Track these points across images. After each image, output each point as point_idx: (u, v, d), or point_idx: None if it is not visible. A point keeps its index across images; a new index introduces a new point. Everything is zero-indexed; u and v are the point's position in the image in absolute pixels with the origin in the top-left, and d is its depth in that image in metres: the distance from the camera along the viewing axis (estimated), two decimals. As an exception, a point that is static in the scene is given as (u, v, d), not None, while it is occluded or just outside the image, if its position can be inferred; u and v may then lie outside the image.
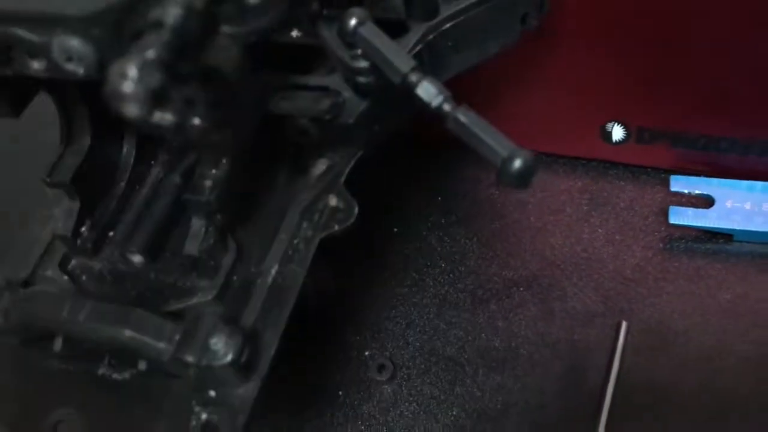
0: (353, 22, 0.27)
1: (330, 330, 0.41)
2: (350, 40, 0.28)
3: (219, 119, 0.24)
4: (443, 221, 0.45)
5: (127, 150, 0.31)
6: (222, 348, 0.25)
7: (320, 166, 0.31)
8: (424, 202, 0.46)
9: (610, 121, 0.43)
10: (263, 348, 0.26)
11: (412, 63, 0.27)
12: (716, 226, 0.41)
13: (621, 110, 0.43)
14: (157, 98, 0.17)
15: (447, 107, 0.26)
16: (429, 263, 0.43)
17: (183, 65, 0.20)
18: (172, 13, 0.18)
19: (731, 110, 0.40)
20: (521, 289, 0.41)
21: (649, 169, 0.45)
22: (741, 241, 0.41)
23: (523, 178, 0.26)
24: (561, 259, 0.42)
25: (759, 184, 0.41)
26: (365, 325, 0.41)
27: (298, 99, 0.30)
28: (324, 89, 0.31)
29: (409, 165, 0.47)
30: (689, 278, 0.40)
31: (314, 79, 0.31)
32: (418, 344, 0.40)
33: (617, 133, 0.44)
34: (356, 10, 0.28)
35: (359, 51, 0.28)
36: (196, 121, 0.24)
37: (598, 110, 0.43)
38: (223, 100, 0.23)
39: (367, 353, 0.40)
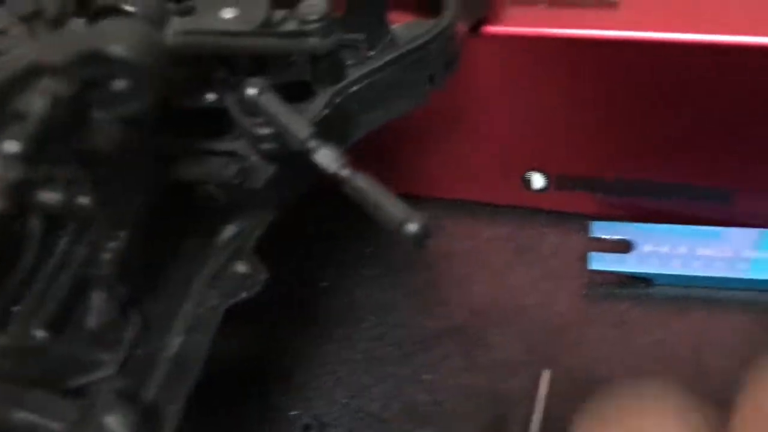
0: (252, 91, 0.28)
1: (256, 390, 0.41)
2: (250, 109, 0.28)
3: (107, 196, 0.24)
4: (372, 273, 0.45)
5: (35, 221, 0.31)
6: (117, 426, 0.24)
7: (229, 231, 0.31)
8: (353, 254, 0.46)
9: (530, 170, 0.44)
10: (164, 423, 0.26)
11: (311, 130, 0.27)
12: (635, 270, 0.41)
13: (540, 159, 0.44)
14: (22, 191, 0.17)
15: (344, 173, 0.27)
16: (358, 317, 0.43)
17: (55, 150, 0.19)
18: (36, 104, 0.18)
19: (644, 155, 0.41)
20: (447, 340, 0.41)
21: (571, 215, 0.45)
22: (660, 285, 0.42)
23: (420, 242, 0.26)
24: (486, 308, 0.42)
25: (677, 227, 0.42)
26: (292, 384, 0.41)
27: (205, 164, 0.30)
28: (232, 154, 0.31)
29: (336, 215, 0.47)
30: (611, 324, 0.41)
31: (222, 144, 0.31)
32: (345, 401, 0.40)
33: (537, 181, 0.44)
34: (255, 79, 0.28)
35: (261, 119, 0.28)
36: (84, 199, 0.24)
37: (517, 159, 0.44)
38: (108, 178, 0.23)
39: (293, 413, 0.40)
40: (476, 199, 0.47)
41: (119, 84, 0.19)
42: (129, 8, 0.30)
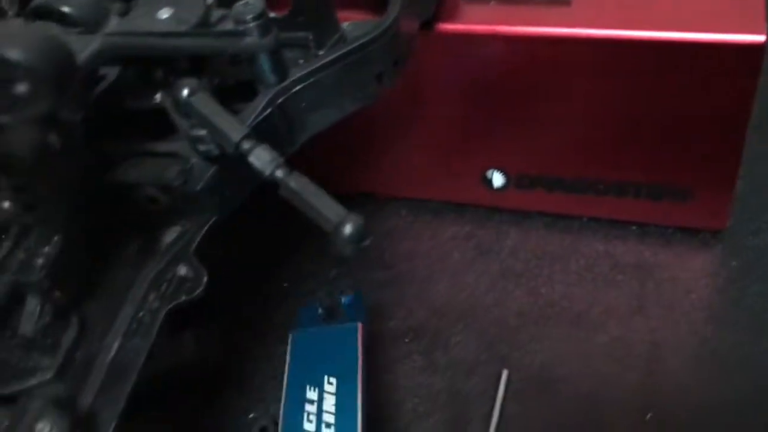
0: (185, 92, 0.27)
1: (213, 392, 0.40)
2: (184, 110, 0.28)
3: (32, 202, 0.24)
4: (333, 274, 0.45)
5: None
6: (48, 434, 0.24)
7: (171, 234, 0.31)
8: (315, 254, 0.46)
9: (490, 169, 0.44)
10: (99, 429, 0.26)
11: (244, 131, 0.27)
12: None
13: (499, 158, 0.43)
14: None
15: (280, 174, 0.26)
16: (317, 318, 0.43)
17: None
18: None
19: (602, 154, 0.41)
20: (406, 340, 0.41)
21: (531, 214, 0.45)
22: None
23: (355, 244, 0.26)
24: (446, 307, 0.42)
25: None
26: (250, 387, 0.41)
27: (145, 166, 0.30)
28: (173, 155, 0.30)
29: (297, 215, 0.47)
30: (570, 322, 0.40)
31: (163, 146, 0.31)
32: (302, 403, 0.40)
33: (497, 179, 0.44)
34: (188, 80, 0.28)
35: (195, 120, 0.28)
36: (5, 204, 0.24)
37: (477, 158, 0.44)
38: (30, 183, 0.23)
39: (251, 415, 0.39)
40: (439, 198, 0.47)
41: (19, 88, 0.19)
42: (65, 9, 0.30)
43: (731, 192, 0.40)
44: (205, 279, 0.30)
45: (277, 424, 0.39)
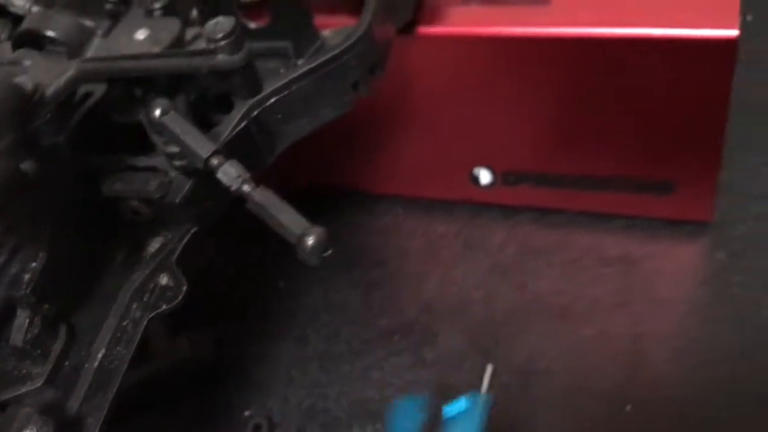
0: (156, 112, 0.29)
1: (213, 391, 0.42)
2: (156, 129, 0.29)
3: (10, 224, 0.26)
4: (328, 273, 0.46)
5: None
6: (32, 441, 0.26)
7: (155, 244, 0.32)
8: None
9: (477, 166, 0.45)
10: (84, 435, 0.27)
11: (212, 149, 0.28)
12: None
13: (486, 156, 0.44)
14: None
15: (246, 188, 0.28)
16: (312, 317, 0.44)
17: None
18: None
19: (583, 150, 0.42)
20: (397, 337, 0.42)
21: (519, 209, 0.46)
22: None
23: (317, 254, 0.27)
24: (436, 304, 0.43)
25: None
26: (248, 384, 0.42)
27: (128, 180, 0.32)
28: (153, 169, 0.32)
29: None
30: (555, 316, 0.41)
31: (143, 160, 0.32)
32: (296, 401, 0.41)
33: (484, 177, 0.45)
34: (160, 101, 0.29)
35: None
36: (-16, 227, 0.25)
37: (465, 157, 0.45)
38: (5, 207, 0.24)
39: (247, 413, 0.41)
40: (429, 195, 0.48)
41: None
42: (49, 33, 0.31)
43: (714, 184, 0.41)
44: (185, 288, 0.31)
45: (271, 421, 0.40)
